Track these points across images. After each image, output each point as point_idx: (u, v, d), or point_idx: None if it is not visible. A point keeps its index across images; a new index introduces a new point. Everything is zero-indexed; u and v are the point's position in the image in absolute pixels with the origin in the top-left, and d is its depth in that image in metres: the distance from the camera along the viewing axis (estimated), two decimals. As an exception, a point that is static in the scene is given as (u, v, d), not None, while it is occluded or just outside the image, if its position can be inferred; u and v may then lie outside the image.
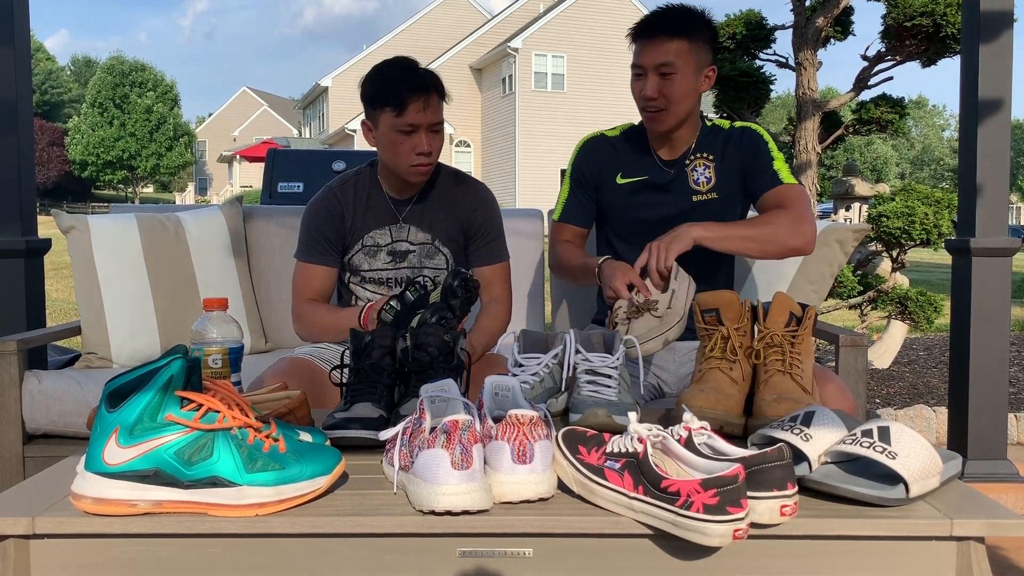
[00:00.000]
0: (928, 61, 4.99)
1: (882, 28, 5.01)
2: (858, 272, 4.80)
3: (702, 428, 1.15)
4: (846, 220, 5.98)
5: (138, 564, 1.11)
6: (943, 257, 6.00)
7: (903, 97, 5.24)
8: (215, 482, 1.11)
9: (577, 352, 1.59)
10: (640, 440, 1.11)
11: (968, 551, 1.11)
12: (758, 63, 5.38)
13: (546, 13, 27.93)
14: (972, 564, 1.11)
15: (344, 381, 1.54)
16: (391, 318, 1.83)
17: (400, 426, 1.21)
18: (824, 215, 7.68)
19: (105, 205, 31.10)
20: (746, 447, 1.28)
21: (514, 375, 1.61)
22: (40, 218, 3.03)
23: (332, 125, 32.01)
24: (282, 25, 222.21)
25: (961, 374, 2.78)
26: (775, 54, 5.38)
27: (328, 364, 2.03)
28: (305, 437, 1.26)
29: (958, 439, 2.79)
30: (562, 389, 1.62)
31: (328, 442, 1.30)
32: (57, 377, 2.34)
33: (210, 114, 54.32)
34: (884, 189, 5.63)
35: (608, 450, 1.15)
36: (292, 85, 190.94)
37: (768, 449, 1.08)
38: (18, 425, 2.29)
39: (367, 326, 1.96)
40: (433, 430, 1.12)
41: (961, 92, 2.76)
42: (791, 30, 5.16)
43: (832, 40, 5.31)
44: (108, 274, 2.56)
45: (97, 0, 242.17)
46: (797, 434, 1.22)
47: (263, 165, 10.69)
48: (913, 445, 1.15)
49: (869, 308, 4.85)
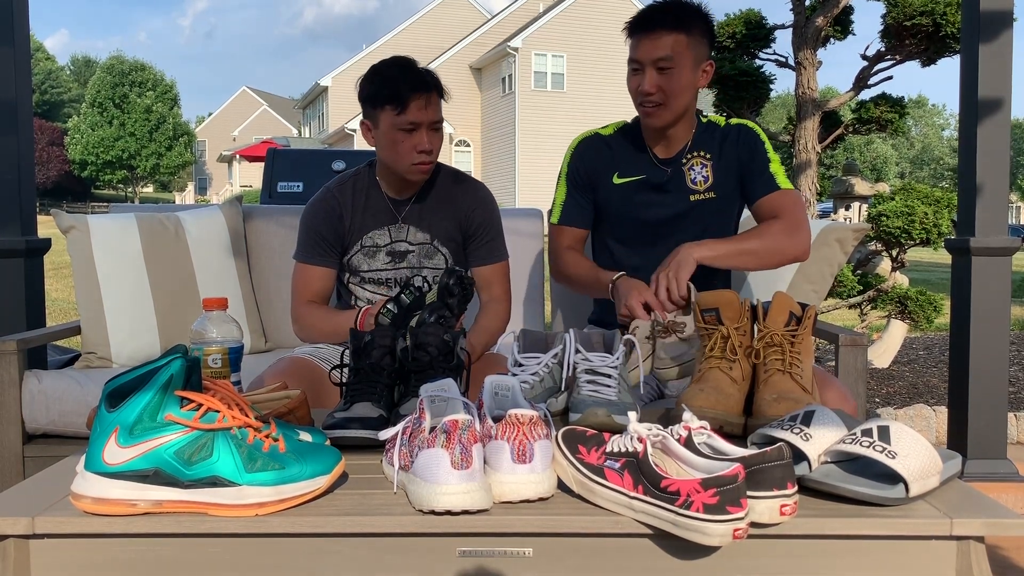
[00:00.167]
0: (928, 60, 4.99)
1: (882, 27, 5.01)
2: (858, 271, 4.79)
3: (702, 428, 1.15)
4: (846, 219, 5.97)
5: (138, 564, 1.11)
6: (943, 256, 6.00)
7: (903, 96, 5.24)
8: (215, 482, 1.11)
9: (577, 352, 1.59)
10: (640, 440, 1.12)
11: (968, 551, 1.11)
12: (758, 62, 5.38)
13: (546, 12, 27.91)
14: (972, 564, 1.11)
15: (344, 381, 1.54)
16: (388, 321, 1.83)
17: (400, 426, 1.21)
18: (824, 214, 7.69)
19: (105, 205, 31.10)
20: (746, 447, 1.28)
21: (514, 375, 1.61)
22: (40, 218, 3.03)
23: (332, 125, 32.01)
24: (282, 25, 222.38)
25: (961, 373, 2.78)
26: (775, 53, 5.39)
27: (328, 364, 2.03)
28: (305, 437, 1.26)
29: (958, 438, 2.79)
30: (562, 389, 1.62)
31: (328, 442, 1.30)
32: (57, 377, 2.34)
33: (210, 114, 54.32)
34: (884, 188, 5.63)
35: (608, 450, 1.15)
36: (292, 85, 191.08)
37: (768, 449, 1.08)
38: (18, 425, 2.29)
39: (364, 330, 1.96)
40: (433, 430, 1.12)
41: (961, 92, 2.76)
42: (791, 30, 5.17)
43: (832, 40, 5.31)
44: (108, 274, 2.56)
45: (97, 0, 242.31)
46: (797, 434, 1.22)
47: (263, 165, 10.69)
48: (913, 444, 1.15)
49: (869, 307, 4.85)
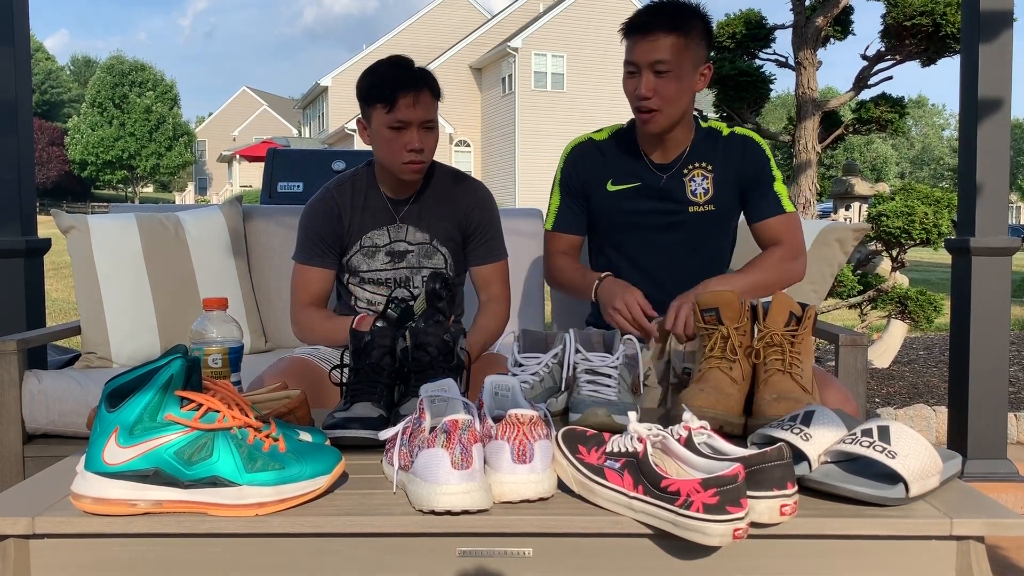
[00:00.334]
0: (928, 60, 5.00)
1: (882, 28, 5.02)
2: (858, 271, 4.80)
3: (702, 427, 1.15)
4: (846, 219, 5.97)
5: (138, 564, 1.11)
6: (943, 256, 6.00)
7: (903, 96, 5.24)
8: (215, 482, 1.11)
9: (577, 352, 1.59)
10: (640, 440, 1.12)
11: (968, 550, 1.11)
12: (758, 63, 5.39)
13: (546, 12, 27.92)
14: (972, 563, 1.11)
15: (344, 381, 1.54)
16: None
17: (400, 426, 1.21)
18: (824, 214, 7.68)
19: (105, 205, 31.10)
20: (746, 447, 1.28)
21: (514, 375, 1.61)
22: (40, 218, 3.03)
23: (332, 125, 32.01)
24: (282, 25, 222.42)
25: (961, 373, 2.78)
26: (775, 53, 5.39)
27: (328, 364, 2.02)
28: (305, 437, 1.26)
29: (958, 438, 2.79)
30: (562, 389, 1.62)
31: (328, 442, 1.30)
32: (57, 377, 2.34)
33: (210, 114, 54.31)
34: (884, 188, 5.63)
35: (608, 450, 1.15)
36: (292, 85, 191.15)
37: (768, 449, 1.08)
38: (18, 425, 2.29)
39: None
40: (433, 430, 1.12)
41: (961, 92, 2.76)
42: (791, 30, 5.17)
43: (832, 40, 5.32)
44: (108, 274, 2.56)
45: (97, 0, 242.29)
46: (797, 434, 1.22)
47: (263, 165, 10.69)
48: (913, 444, 1.15)
49: (869, 307, 4.85)
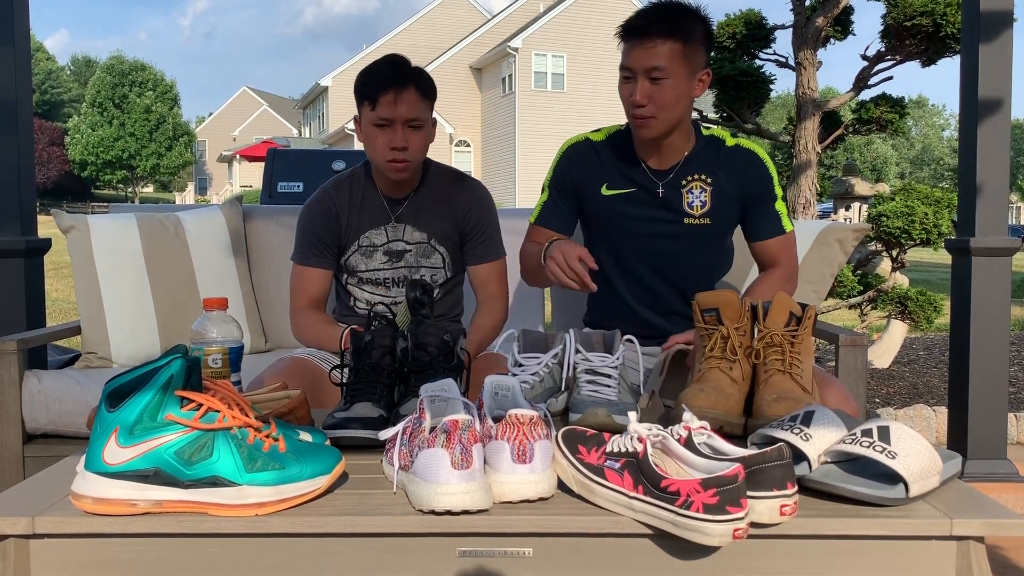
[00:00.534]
0: (928, 61, 4.99)
1: (882, 28, 5.01)
2: (858, 272, 4.80)
3: (702, 428, 1.15)
4: (846, 220, 5.97)
5: (138, 564, 1.11)
6: (943, 257, 6.00)
7: (903, 97, 5.24)
8: (215, 482, 1.11)
9: (577, 352, 1.59)
10: (640, 440, 1.12)
11: (968, 551, 1.11)
12: (758, 63, 5.39)
13: (546, 13, 27.92)
14: (972, 564, 1.11)
15: (344, 381, 1.54)
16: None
17: (400, 426, 1.21)
18: (824, 215, 7.68)
19: (105, 205, 31.09)
20: (746, 447, 1.28)
21: (514, 375, 1.61)
22: (40, 218, 3.03)
23: (332, 125, 32.02)
24: (282, 25, 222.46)
25: (961, 374, 2.78)
26: (775, 54, 5.39)
27: (328, 364, 2.03)
28: (305, 437, 1.26)
29: (958, 439, 2.79)
30: (562, 389, 1.62)
31: (328, 442, 1.30)
32: (57, 377, 2.34)
33: (210, 114, 54.31)
34: (884, 189, 5.63)
35: (608, 450, 1.15)
36: (292, 85, 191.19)
37: (768, 449, 1.08)
38: (18, 425, 2.29)
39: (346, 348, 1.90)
40: (433, 430, 1.12)
41: (961, 92, 2.76)
42: (791, 30, 5.17)
43: (832, 40, 5.32)
44: (108, 274, 2.56)
45: (97, 0, 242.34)
46: (797, 434, 1.22)
47: (263, 165, 10.69)
48: (913, 445, 1.15)
49: (869, 308, 4.85)
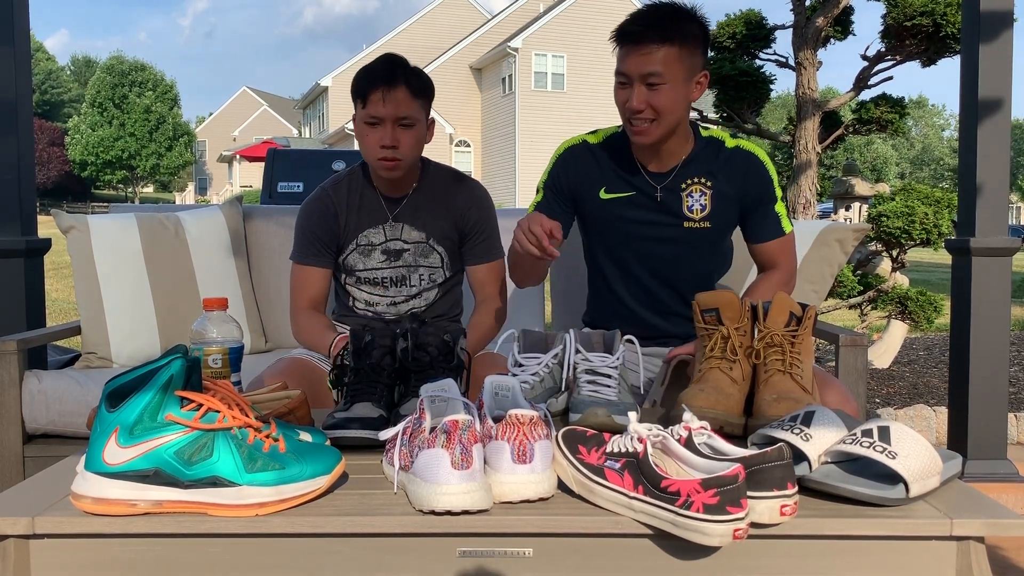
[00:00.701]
0: (928, 61, 4.99)
1: (882, 28, 5.01)
2: (858, 272, 4.80)
3: (702, 428, 1.15)
4: (846, 220, 5.97)
5: (138, 564, 1.11)
6: (943, 257, 6.00)
7: (903, 97, 5.24)
8: (215, 482, 1.11)
9: (577, 352, 1.59)
10: (640, 440, 1.12)
11: (968, 551, 1.11)
12: (758, 63, 5.39)
13: (546, 13, 27.92)
14: (972, 564, 1.11)
15: (341, 381, 1.54)
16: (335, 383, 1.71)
17: (400, 426, 1.21)
18: (824, 215, 7.68)
19: (105, 205, 31.10)
20: (746, 447, 1.28)
21: (514, 375, 1.61)
22: (40, 218, 3.03)
23: (332, 125, 32.01)
24: (282, 25, 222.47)
25: (961, 374, 2.78)
26: (775, 54, 5.39)
27: (328, 364, 2.03)
28: (305, 437, 1.26)
29: (958, 439, 2.79)
30: (562, 389, 1.62)
31: (328, 442, 1.30)
32: (57, 377, 2.34)
33: (210, 114, 54.32)
34: (884, 189, 5.63)
35: (608, 450, 1.15)
36: (292, 85, 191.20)
37: (768, 449, 1.08)
38: (18, 425, 2.29)
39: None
40: (433, 430, 1.12)
41: (961, 92, 2.76)
42: (791, 30, 5.17)
43: (832, 40, 5.32)
44: (108, 274, 2.56)
45: (97, 0, 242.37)
46: (797, 434, 1.22)
47: (263, 165, 10.69)
48: (913, 445, 1.15)
49: (869, 308, 4.85)
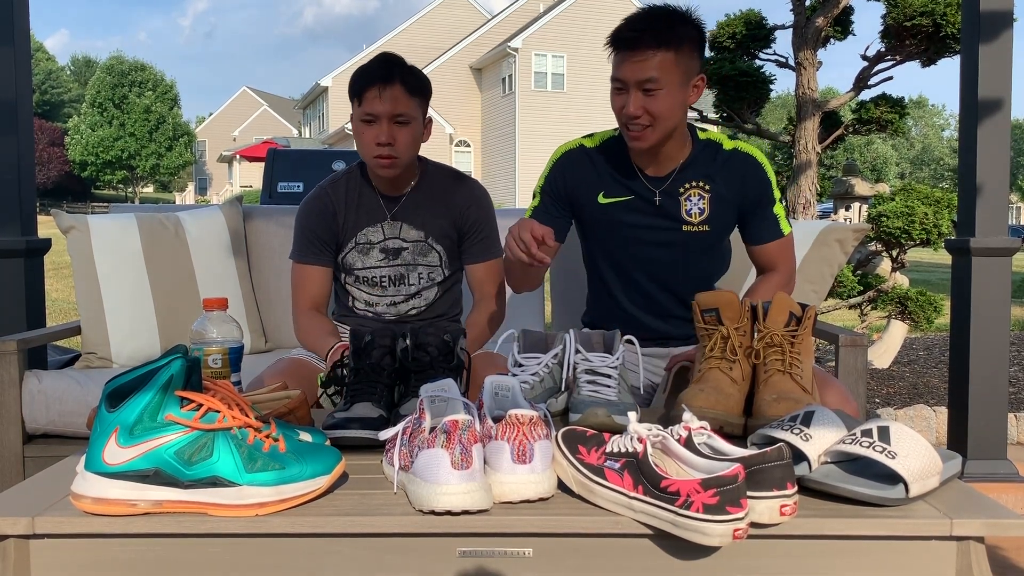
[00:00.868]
0: (928, 61, 4.99)
1: (882, 28, 5.01)
2: (858, 272, 4.80)
3: (702, 428, 1.15)
4: (846, 220, 5.97)
5: (138, 564, 1.11)
6: (943, 257, 6.00)
7: (903, 97, 5.24)
8: (215, 482, 1.11)
9: (577, 352, 1.59)
10: (640, 440, 1.12)
11: (968, 551, 1.11)
12: (758, 63, 5.39)
13: (546, 13, 27.92)
14: (972, 564, 1.11)
15: (332, 392, 1.55)
16: (326, 385, 1.73)
17: (400, 426, 1.21)
18: (824, 215, 7.68)
19: (105, 205, 31.09)
20: (746, 447, 1.28)
21: (514, 375, 1.61)
22: (40, 218, 3.03)
23: (332, 125, 32.00)
24: (282, 25, 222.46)
25: (961, 374, 2.78)
26: (775, 54, 5.39)
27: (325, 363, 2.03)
28: (305, 437, 1.26)
29: (958, 439, 2.79)
30: (562, 389, 1.62)
31: (328, 442, 1.30)
32: (57, 377, 2.34)
33: (210, 114, 54.31)
34: (884, 189, 5.63)
35: (608, 450, 1.15)
36: (292, 85, 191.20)
37: (768, 449, 1.08)
38: (18, 425, 2.29)
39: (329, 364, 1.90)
40: (433, 430, 1.12)
41: (961, 92, 2.77)
42: (791, 30, 5.17)
43: (832, 40, 5.32)
44: (108, 274, 2.56)
45: (97, 0, 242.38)
46: (797, 434, 1.22)
47: (263, 165, 10.70)
48: (913, 445, 1.15)
49: (869, 308, 4.85)
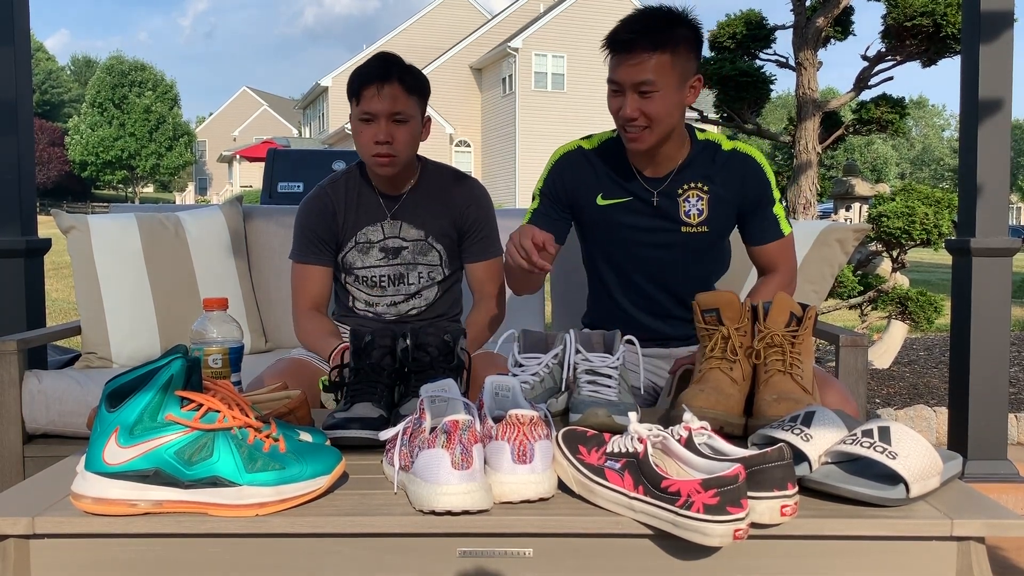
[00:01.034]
0: (928, 61, 4.99)
1: (882, 28, 5.01)
2: (858, 272, 4.80)
3: (702, 428, 1.15)
4: (846, 220, 5.97)
5: (138, 564, 1.11)
6: (943, 257, 6.00)
7: (903, 97, 5.24)
8: (215, 482, 1.11)
9: (577, 352, 1.59)
10: (640, 440, 1.12)
11: (968, 551, 1.11)
12: (758, 63, 5.38)
13: (546, 13, 27.92)
14: (972, 564, 1.11)
15: (336, 395, 1.55)
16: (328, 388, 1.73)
17: (400, 426, 1.21)
18: (824, 215, 7.68)
19: (105, 205, 31.08)
20: (746, 447, 1.28)
21: (514, 375, 1.61)
22: (40, 218, 3.03)
23: (332, 125, 32.00)
24: (282, 25, 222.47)
25: (961, 374, 2.78)
26: (775, 54, 5.39)
27: (327, 365, 2.03)
28: (305, 437, 1.26)
29: (958, 439, 2.79)
30: (562, 389, 1.62)
31: (328, 442, 1.30)
32: (57, 377, 2.34)
33: (210, 114, 54.31)
34: (884, 189, 5.63)
35: (608, 450, 1.15)
36: (292, 85, 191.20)
37: (768, 449, 1.08)
38: (18, 425, 2.29)
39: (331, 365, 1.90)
40: (433, 430, 1.12)
41: (961, 92, 2.77)
42: (791, 30, 5.17)
43: (832, 40, 5.31)
44: (108, 274, 2.56)
45: (97, 0, 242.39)
46: (797, 434, 1.22)
47: (263, 165, 10.71)
48: (913, 445, 1.15)
49: (869, 308, 4.85)
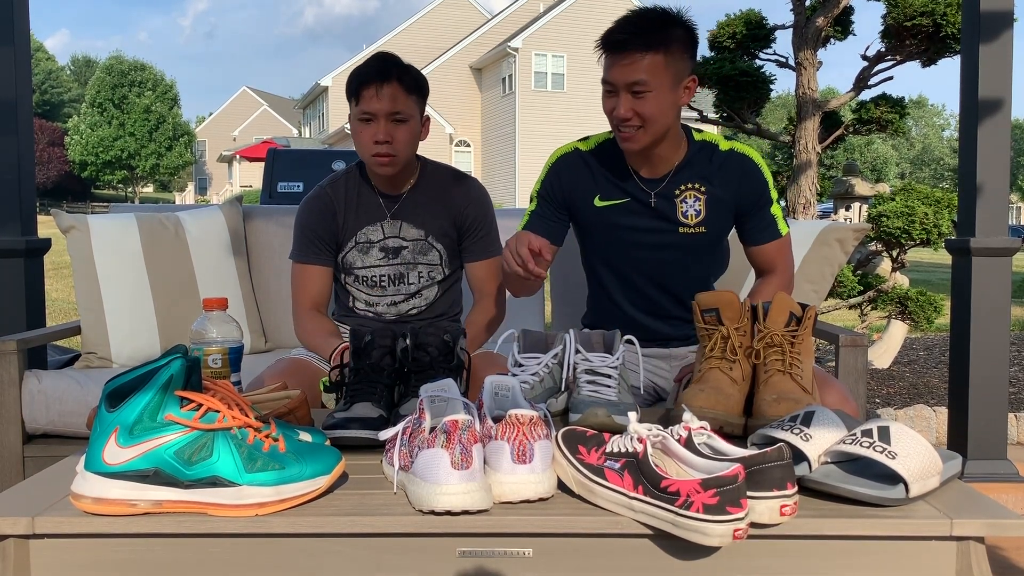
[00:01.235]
0: (928, 61, 4.99)
1: (882, 28, 5.01)
2: (858, 272, 4.80)
3: (702, 428, 1.16)
4: (846, 220, 5.97)
5: (138, 564, 1.11)
6: (943, 257, 6.00)
7: (903, 97, 5.24)
8: (215, 482, 1.11)
9: (577, 352, 1.59)
10: (640, 440, 1.12)
11: (968, 551, 1.11)
12: (758, 63, 5.38)
13: (546, 13, 27.91)
14: (972, 564, 1.11)
15: (337, 395, 1.55)
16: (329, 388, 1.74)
17: (400, 426, 1.21)
18: (824, 215, 7.68)
19: (105, 205, 31.08)
20: (746, 447, 1.28)
21: (514, 375, 1.61)
22: (40, 218, 3.03)
23: (332, 125, 32.01)
24: (282, 25, 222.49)
25: (961, 374, 2.78)
26: (775, 54, 5.38)
27: (327, 365, 2.03)
28: (305, 437, 1.26)
29: (958, 439, 2.79)
30: (562, 389, 1.62)
31: (328, 442, 1.30)
32: (57, 377, 2.34)
33: (210, 114, 54.29)
34: (884, 189, 5.63)
35: (608, 450, 1.15)
36: (292, 85, 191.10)
37: (768, 449, 1.08)
38: (18, 425, 2.29)
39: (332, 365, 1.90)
40: (433, 430, 1.12)
41: (961, 92, 2.77)
42: (791, 30, 5.17)
43: (832, 40, 5.31)
44: (108, 274, 2.56)
45: (97, 0, 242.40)
46: (797, 434, 1.22)
47: (263, 165, 10.71)
48: (913, 445, 1.15)
49: (869, 308, 4.85)
